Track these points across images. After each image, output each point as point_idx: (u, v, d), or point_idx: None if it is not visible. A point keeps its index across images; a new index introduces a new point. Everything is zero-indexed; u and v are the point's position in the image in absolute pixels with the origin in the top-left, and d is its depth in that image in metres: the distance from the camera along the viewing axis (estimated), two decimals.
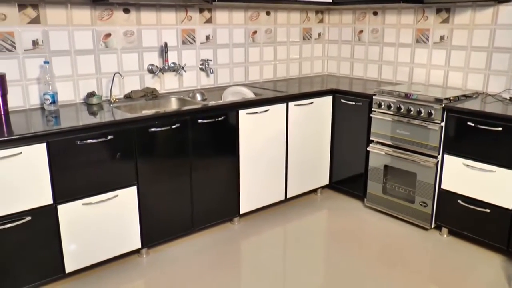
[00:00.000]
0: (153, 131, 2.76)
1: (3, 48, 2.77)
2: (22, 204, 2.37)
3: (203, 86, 3.73)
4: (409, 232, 3.28)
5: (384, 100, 3.35)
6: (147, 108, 3.20)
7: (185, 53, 3.55)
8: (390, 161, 3.40)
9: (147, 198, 2.83)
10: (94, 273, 2.76)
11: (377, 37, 4.10)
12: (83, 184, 2.56)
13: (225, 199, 3.25)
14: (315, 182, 3.83)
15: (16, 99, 2.86)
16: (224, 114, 3.08)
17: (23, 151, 2.32)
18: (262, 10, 3.94)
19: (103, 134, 2.57)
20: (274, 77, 4.20)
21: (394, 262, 2.89)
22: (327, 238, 3.28)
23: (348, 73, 4.41)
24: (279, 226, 3.40)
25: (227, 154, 3.17)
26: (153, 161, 2.82)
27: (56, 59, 2.97)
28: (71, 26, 2.99)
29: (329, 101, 3.72)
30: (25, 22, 2.82)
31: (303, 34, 4.32)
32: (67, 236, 2.55)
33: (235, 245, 3.13)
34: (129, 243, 2.82)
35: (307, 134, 3.62)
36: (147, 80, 3.40)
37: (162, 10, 3.35)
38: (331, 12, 4.44)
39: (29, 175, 2.36)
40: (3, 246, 2.35)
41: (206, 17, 3.60)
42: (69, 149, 2.47)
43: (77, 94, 3.11)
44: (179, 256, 2.97)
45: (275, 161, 3.46)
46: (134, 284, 2.71)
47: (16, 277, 2.44)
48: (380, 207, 3.55)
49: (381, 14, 4.03)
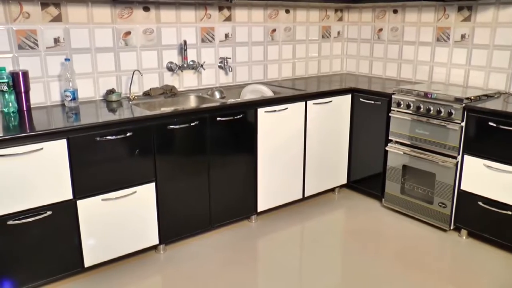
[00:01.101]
0: (171, 129, 2.78)
1: (26, 46, 2.82)
2: (43, 198, 2.41)
3: (221, 84, 3.74)
4: (427, 233, 3.25)
5: (403, 99, 3.32)
6: (166, 106, 3.22)
7: (204, 51, 3.57)
8: (408, 161, 3.37)
9: (165, 195, 2.85)
10: (112, 268, 2.79)
11: (396, 35, 4.06)
12: (102, 180, 2.59)
13: (242, 197, 3.25)
14: (333, 181, 3.81)
15: (38, 95, 2.90)
16: (243, 112, 3.08)
17: (44, 146, 2.36)
18: (282, 8, 3.94)
19: (122, 131, 2.59)
20: (292, 75, 4.19)
21: (412, 263, 2.87)
22: (344, 238, 3.27)
23: (367, 71, 4.38)
24: (296, 225, 3.40)
25: (245, 152, 3.18)
26: (172, 158, 2.84)
27: (76, 57, 3.01)
28: (91, 24, 3.02)
29: (348, 100, 3.70)
30: (47, 20, 2.87)
31: (322, 32, 4.30)
32: (86, 231, 2.59)
33: (252, 243, 3.14)
34: (147, 239, 2.85)
35: (325, 133, 3.61)
36: (166, 77, 3.42)
37: (181, 8, 3.37)
38: (350, 10, 4.41)
39: (49, 171, 2.40)
40: (24, 239, 2.40)
41: (226, 15, 3.61)
42: (89, 145, 2.50)
43: (97, 91, 3.14)
44: (196, 253, 2.99)
45: (293, 160, 3.45)
46: (151, 280, 2.73)
47: (36, 270, 2.48)
48: (398, 207, 3.52)
49: (401, 12, 3.99)
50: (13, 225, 2.34)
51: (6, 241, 2.35)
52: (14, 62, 2.79)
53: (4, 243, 2.34)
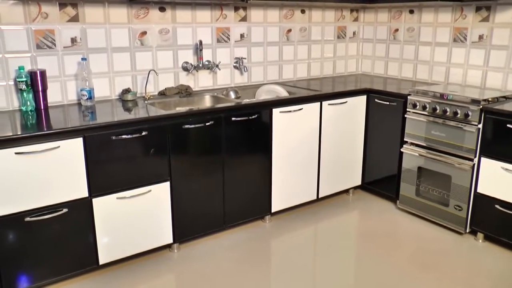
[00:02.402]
0: (186, 128, 2.79)
1: (44, 45, 2.85)
2: (59, 196, 2.44)
3: (237, 84, 3.74)
4: (442, 236, 3.22)
5: (419, 100, 3.29)
6: (181, 105, 3.23)
7: (219, 51, 3.58)
8: (424, 162, 3.34)
9: (180, 194, 2.86)
10: (126, 265, 2.81)
11: (412, 36, 4.03)
12: (118, 179, 2.61)
13: (257, 197, 3.25)
14: (347, 182, 3.80)
15: (55, 94, 2.94)
16: (258, 112, 3.08)
17: (61, 145, 2.39)
18: (297, 8, 3.93)
19: (138, 130, 2.61)
20: (308, 75, 4.18)
21: (426, 266, 2.84)
22: (358, 240, 3.25)
23: (382, 72, 4.35)
24: (310, 226, 3.39)
25: (259, 152, 3.18)
26: (186, 158, 2.85)
27: (93, 56, 3.04)
28: (108, 24, 3.05)
29: (363, 101, 3.68)
30: (64, 20, 2.90)
31: (337, 33, 4.29)
32: (101, 229, 2.61)
33: (266, 244, 3.14)
34: (161, 237, 2.86)
35: (340, 133, 3.60)
36: (182, 77, 3.44)
37: (197, 8, 3.38)
38: (366, 10, 4.39)
39: (66, 169, 2.43)
40: (40, 236, 2.43)
41: (241, 15, 3.62)
42: (105, 144, 2.52)
43: (113, 90, 3.17)
44: (209, 252, 2.99)
45: (307, 161, 3.45)
46: (165, 278, 2.74)
47: (52, 266, 2.51)
48: (412, 210, 3.49)
49: (417, 12, 3.96)
50: (30, 222, 2.37)
51: (23, 237, 2.38)
52: (33, 62, 2.83)
53: (21, 240, 2.37)
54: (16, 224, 2.34)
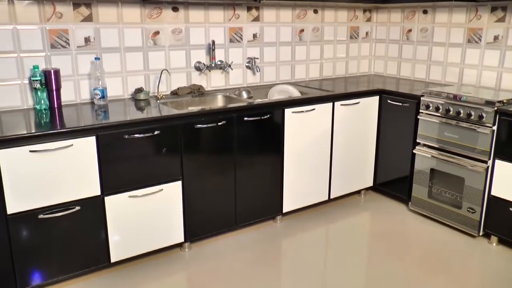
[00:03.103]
0: (199, 128, 2.80)
1: (58, 45, 2.88)
2: (72, 194, 2.46)
3: (249, 84, 3.75)
4: (455, 238, 3.19)
5: (432, 101, 3.27)
6: (193, 105, 3.24)
7: (232, 51, 3.58)
8: (436, 164, 3.31)
9: (191, 193, 2.87)
10: (137, 264, 2.83)
11: (426, 36, 4.00)
12: (130, 177, 2.62)
13: (268, 197, 3.25)
14: (359, 183, 3.78)
15: (68, 93, 2.96)
16: (270, 112, 3.08)
17: (74, 143, 2.41)
18: (310, 8, 3.92)
19: (150, 129, 2.62)
20: (320, 76, 4.17)
21: (438, 269, 2.82)
22: (369, 241, 3.23)
23: (395, 73, 4.32)
24: (321, 227, 3.38)
25: (271, 152, 3.18)
26: (198, 157, 2.86)
27: (106, 56, 3.06)
28: (121, 24, 3.07)
29: (375, 102, 3.66)
30: (78, 20, 2.92)
31: (350, 33, 4.27)
32: (113, 227, 2.63)
33: (277, 244, 3.14)
34: (172, 236, 2.87)
35: (352, 134, 3.58)
36: (194, 77, 3.45)
37: (210, 8, 3.39)
38: (379, 10, 4.36)
39: (79, 167, 2.45)
40: (53, 233, 2.45)
41: (254, 15, 3.62)
42: (117, 142, 2.54)
43: (126, 89, 3.18)
44: (221, 251, 3.00)
45: (319, 161, 3.44)
46: (176, 277, 2.75)
47: (64, 264, 2.53)
48: (424, 211, 3.46)
49: (431, 13, 3.93)
50: (43, 219, 2.39)
51: (37, 234, 2.40)
52: (47, 61, 2.86)
53: (34, 237, 2.40)
54: (30, 221, 2.37)
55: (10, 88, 2.77)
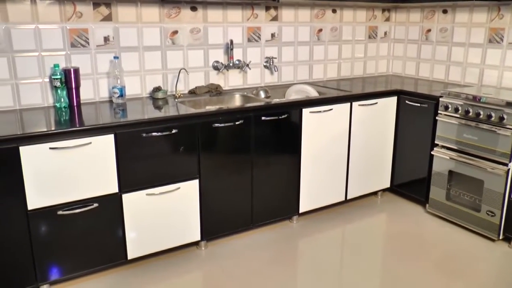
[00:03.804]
0: (216, 127, 2.80)
1: (78, 44, 2.91)
2: (90, 191, 2.49)
3: (267, 84, 3.75)
4: (473, 242, 3.15)
5: (451, 102, 3.23)
6: (211, 104, 3.25)
7: (250, 50, 3.58)
8: (455, 166, 3.27)
9: (208, 192, 2.88)
10: (154, 261, 2.85)
11: (445, 36, 3.95)
12: (147, 175, 2.64)
13: (285, 197, 3.25)
14: (376, 184, 3.75)
15: (87, 91, 2.99)
16: (288, 112, 3.08)
17: (93, 141, 2.43)
18: (328, 8, 3.91)
19: (168, 128, 2.64)
20: (338, 76, 4.16)
21: (455, 273, 2.78)
22: (385, 242, 3.21)
23: (413, 73, 4.28)
24: (337, 227, 3.37)
25: (289, 152, 3.18)
26: (216, 156, 2.87)
27: (125, 55, 3.08)
28: (140, 23, 3.09)
29: (393, 102, 3.63)
30: (98, 20, 2.95)
31: (368, 33, 4.24)
32: (130, 224, 2.65)
33: (293, 244, 3.13)
34: (189, 235, 2.89)
35: (370, 135, 3.56)
36: (212, 76, 3.46)
37: (228, 8, 3.40)
38: (398, 10, 4.33)
39: (97, 164, 2.48)
40: (72, 229, 2.48)
41: (272, 15, 3.62)
42: (135, 141, 2.56)
43: (144, 88, 3.21)
44: (237, 251, 3.00)
45: (336, 161, 3.42)
46: (192, 275, 2.77)
47: (82, 259, 2.57)
48: (442, 214, 3.42)
49: (451, 12, 3.88)
50: (62, 215, 2.43)
51: (55, 230, 2.44)
52: (67, 59, 2.89)
53: (53, 232, 2.43)
54: (49, 217, 2.40)
55: (32, 86, 2.81)
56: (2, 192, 2.27)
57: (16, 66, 2.75)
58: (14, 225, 2.33)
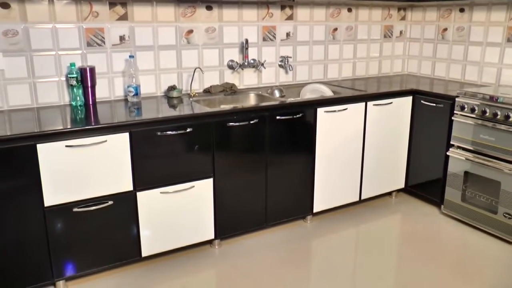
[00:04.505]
0: (231, 126, 2.81)
1: (94, 43, 2.94)
2: (105, 189, 2.51)
3: (281, 83, 3.74)
4: (489, 244, 3.11)
5: (468, 102, 3.19)
6: (226, 103, 3.26)
7: (265, 49, 3.58)
8: (471, 167, 3.24)
9: (222, 191, 2.89)
10: (168, 259, 2.86)
11: (462, 35, 3.91)
12: (162, 174, 2.66)
13: (299, 196, 3.24)
14: (391, 184, 3.73)
15: (103, 90, 3.02)
16: (302, 111, 3.07)
17: (108, 139, 2.45)
18: (344, 7, 3.89)
19: (182, 127, 2.65)
20: (353, 75, 4.14)
21: (470, 276, 2.75)
22: (399, 244, 3.18)
23: (429, 73, 4.24)
24: (351, 228, 3.35)
25: (303, 151, 3.17)
26: (230, 155, 2.88)
27: (140, 54, 3.10)
28: (155, 23, 3.11)
29: (408, 102, 3.60)
30: (114, 19, 2.97)
31: (384, 32, 4.22)
32: (144, 222, 2.67)
33: (307, 244, 3.12)
34: (203, 233, 2.90)
35: (384, 135, 3.54)
36: (227, 75, 3.46)
37: (243, 7, 3.40)
38: (414, 9, 4.29)
39: (112, 162, 2.50)
40: (87, 226, 2.51)
41: (287, 14, 3.61)
42: (150, 139, 2.57)
43: (159, 87, 3.23)
44: (250, 250, 3.01)
45: (351, 161, 3.41)
46: (206, 274, 2.78)
47: (97, 256, 2.59)
48: (458, 215, 3.39)
49: (468, 11, 3.84)
50: (77, 212, 2.45)
51: (71, 227, 2.46)
52: (83, 58, 2.92)
53: (69, 229, 2.46)
54: (65, 214, 2.43)
55: (49, 85, 2.85)
56: (20, 189, 2.30)
57: (34, 65, 2.78)
58: (31, 221, 2.36)
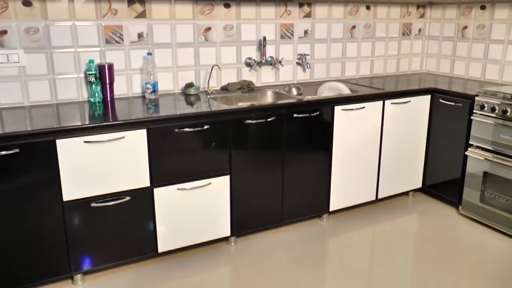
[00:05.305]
0: (248, 123, 2.81)
1: (113, 40, 2.96)
2: (122, 184, 2.53)
3: (299, 81, 3.73)
4: (508, 246, 3.06)
5: (488, 101, 3.15)
6: (243, 101, 3.26)
7: (282, 47, 3.58)
8: (490, 167, 3.19)
9: (239, 188, 2.89)
10: (184, 255, 2.88)
11: (483, 33, 3.85)
12: (179, 170, 2.67)
13: (315, 195, 3.23)
14: (408, 184, 3.70)
15: (120, 87, 3.05)
16: (320, 109, 3.06)
17: (126, 135, 2.47)
18: (362, 5, 3.86)
19: (200, 124, 2.66)
20: (370, 73, 4.11)
21: (491, 279, 2.71)
22: (416, 244, 3.15)
23: (448, 71, 4.19)
24: (367, 227, 3.33)
25: (320, 150, 3.16)
26: (247, 153, 2.88)
27: (158, 51, 3.12)
28: (173, 20, 3.12)
29: (427, 101, 3.56)
30: (132, 17, 2.99)
31: (402, 30, 4.18)
32: (161, 218, 2.69)
33: (323, 242, 3.11)
34: (219, 230, 2.91)
35: (402, 133, 3.51)
36: (244, 73, 3.47)
37: (261, 4, 3.40)
38: (433, 6, 4.24)
39: (130, 158, 2.52)
40: (104, 221, 2.53)
41: (305, 11, 3.60)
42: (167, 136, 2.59)
43: (176, 84, 3.24)
44: (266, 247, 3.01)
45: (368, 160, 3.39)
46: (221, 271, 2.79)
47: (114, 251, 2.62)
48: (476, 216, 3.34)
49: (489, 8, 3.78)
50: (95, 207, 2.48)
51: (88, 222, 2.49)
52: (101, 56, 2.95)
53: (87, 224, 2.49)
54: (83, 209, 2.46)
55: (68, 81, 2.88)
56: (40, 183, 2.33)
57: (53, 61, 2.82)
58: (50, 215, 2.39)
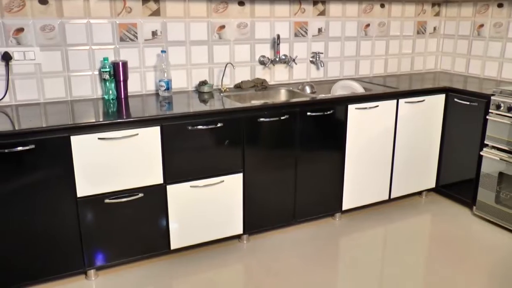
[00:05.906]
0: (261, 121, 2.81)
1: (127, 38, 2.98)
2: (136, 181, 2.55)
3: (312, 79, 3.72)
4: None
5: (504, 101, 3.11)
6: (256, 99, 3.26)
7: (296, 45, 3.57)
8: (505, 168, 3.15)
9: (252, 186, 2.89)
10: (196, 252, 2.89)
11: (500, 31, 3.81)
12: (192, 168, 2.68)
13: (328, 194, 3.23)
14: (421, 184, 3.67)
15: (134, 84, 3.06)
16: (333, 108, 3.05)
17: (140, 132, 2.49)
18: (377, 3, 3.84)
19: (213, 121, 2.66)
20: (384, 72, 4.08)
21: (504, 281, 2.68)
22: (429, 245, 3.13)
23: (463, 70, 4.15)
24: (380, 227, 3.31)
25: (333, 148, 3.15)
26: (260, 151, 2.88)
27: (172, 49, 3.13)
28: (187, 18, 3.13)
29: (441, 100, 3.53)
30: (146, 15, 3.00)
31: (417, 28, 4.14)
32: (174, 215, 2.70)
33: (335, 242, 3.11)
34: (231, 228, 2.91)
35: (416, 133, 3.48)
36: (258, 71, 3.46)
37: (275, 2, 3.39)
38: (449, 4, 4.20)
39: (143, 155, 2.53)
40: (117, 218, 2.55)
41: (320, 9, 3.58)
42: (181, 133, 2.59)
43: (190, 82, 3.25)
44: (278, 246, 3.01)
45: (381, 159, 3.37)
46: (233, 268, 2.79)
47: (127, 247, 2.63)
48: (491, 217, 3.31)
49: (507, 6, 3.73)
50: (109, 203, 2.50)
51: (102, 218, 2.51)
52: (116, 53, 2.96)
53: (100, 220, 2.51)
54: (97, 205, 2.48)
55: (82, 79, 2.90)
56: (54, 179, 2.36)
57: (68, 59, 2.84)
58: (65, 211, 2.42)
